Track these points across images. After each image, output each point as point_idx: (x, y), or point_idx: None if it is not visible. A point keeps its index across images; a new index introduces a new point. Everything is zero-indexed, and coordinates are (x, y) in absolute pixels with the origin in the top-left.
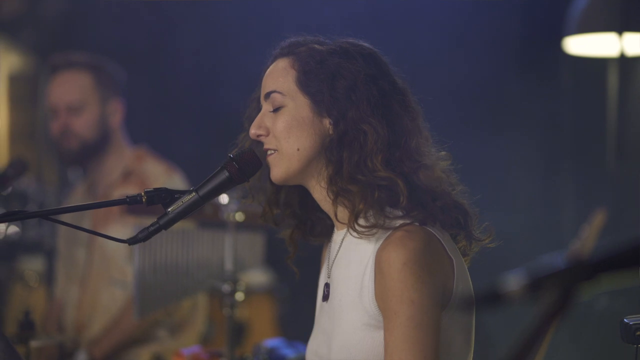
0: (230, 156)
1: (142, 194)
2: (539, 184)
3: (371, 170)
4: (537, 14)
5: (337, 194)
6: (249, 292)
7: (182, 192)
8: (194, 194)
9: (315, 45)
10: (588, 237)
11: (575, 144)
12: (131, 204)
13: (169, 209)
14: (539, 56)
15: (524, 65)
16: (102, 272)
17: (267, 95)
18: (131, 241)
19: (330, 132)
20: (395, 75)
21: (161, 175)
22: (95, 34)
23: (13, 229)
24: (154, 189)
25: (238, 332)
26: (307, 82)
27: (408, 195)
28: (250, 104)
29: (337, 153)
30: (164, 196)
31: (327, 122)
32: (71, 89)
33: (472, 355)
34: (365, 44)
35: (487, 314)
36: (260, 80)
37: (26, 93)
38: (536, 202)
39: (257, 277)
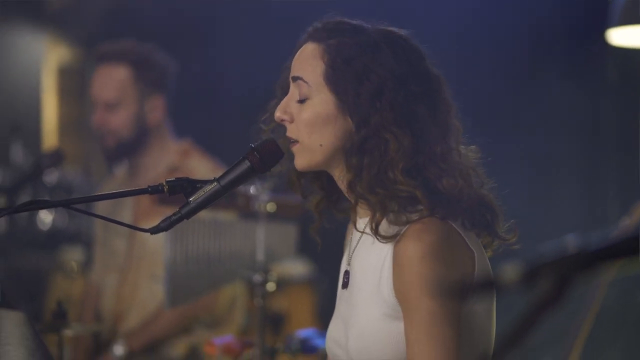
0: (251, 146)
1: (164, 183)
2: (579, 178)
3: (391, 181)
4: (580, 3)
5: (357, 198)
6: (287, 282)
7: (204, 182)
8: (215, 183)
9: (347, 39)
10: (628, 226)
11: (618, 138)
12: (153, 194)
13: (190, 199)
14: (582, 48)
15: (566, 57)
16: (142, 266)
17: (294, 78)
18: (153, 230)
19: (354, 132)
20: (430, 67)
21: (208, 173)
22: (143, 24)
23: (58, 218)
24: (175, 178)
25: (276, 322)
26: (334, 79)
27: (429, 202)
28: (283, 71)
29: (357, 159)
30: (186, 186)
31: (350, 120)
32: (108, 85)
33: (493, 345)
34: (402, 33)
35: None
36: (295, 53)
37: (75, 85)
38: (578, 196)
39: (295, 267)
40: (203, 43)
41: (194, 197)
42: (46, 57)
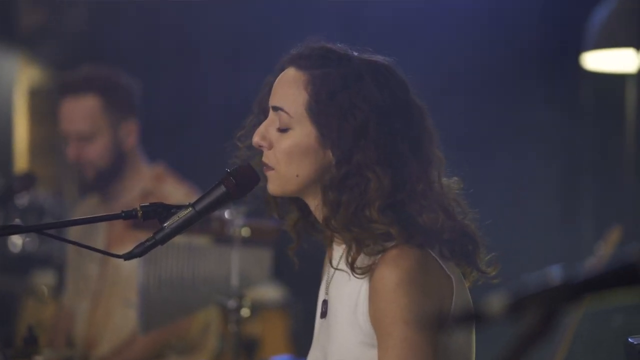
0: (227, 171)
1: (138, 208)
2: (555, 200)
3: (367, 220)
4: (554, 28)
5: (333, 232)
6: (261, 307)
7: (179, 207)
8: (190, 209)
9: (331, 69)
10: (604, 254)
11: (592, 161)
12: (127, 219)
13: (165, 224)
14: (556, 71)
15: (540, 80)
16: (116, 292)
17: (275, 108)
18: (127, 256)
19: (333, 165)
20: (413, 96)
21: (182, 198)
22: (116, 46)
23: (29, 242)
24: (150, 203)
25: (250, 348)
26: (317, 111)
27: (405, 239)
28: (263, 88)
29: (336, 195)
30: (160, 211)
31: (330, 154)
32: (79, 117)
33: None
34: (386, 63)
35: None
36: (275, 72)
37: (47, 107)
38: (552, 220)
39: (269, 292)
40: (176, 65)
41: (168, 222)
42: (18, 78)
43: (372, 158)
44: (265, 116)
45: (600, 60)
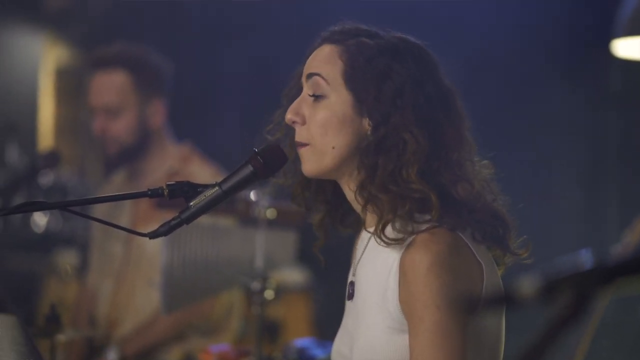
0: (255, 150)
1: (164, 187)
2: (581, 188)
3: (405, 180)
4: (585, 14)
5: (367, 200)
6: (285, 290)
7: (205, 186)
8: (217, 188)
9: (366, 40)
10: (630, 242)
11: (619, 149)
12: (153, 197)
13: (191, 203)
14: (586, 59)
15: (569, 66)
16: (139, 272)
17: (310, 76)
18: (152, 235)
19: (369, 134)
20: (444, 77)
21: (208, 178)
22: (142, 25)
23: (52, 221)
24: (176, 182)
25: (272, 331)
26: (353, 77)
27: (440, 208)
28: (291, 80)
29: (372, 158)
30: (187, 189)
31: (366, 122)
32: (108, 91)
33: None
34: (417, 41)
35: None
36: (304, 58)
37: (72, 87)
38: (578, 208)
39: (293, 275)
40: (204, 45)
41: (194, 201)
42: (44, 58)
43: (409, 119)
44: None
45: (631, 48)
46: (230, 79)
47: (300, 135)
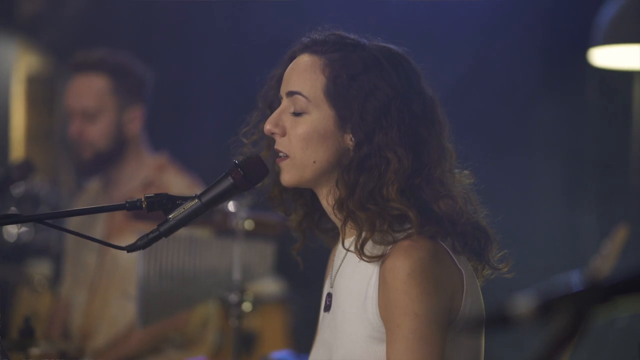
0: (235, 162)
1: (143, 199)
2: (560, 199)
3: (385, 199)
4: (562, 24)
5: (345, 216)
6: (260, 302)
7: (185, 199)
8: (196, 200)
9: (350, 54)
10: (609, 254)
11: (598, 158)
12: (130, 209)
13: (169, 216)
14: (563, 67)
15: (547, 76)
16: (113, 283)
17: (291, 93)
18: (130, 248)
19: (351, 149)
20: (426, 86)
21: (184, 189)
22: (116, 34)
23: (25, 231)
24: (155, 194)
25: (248, 343)
26: (336, 94)
27: (419, 224)
28: (268, 81)
29: (353, 175)
30: (165, 202)
31: (349, 138)
32: (86, 94)
33: None
34: (398, 50)
35: (494, 336)
36: (283, 62)
37: (44, 94)
38: (557, 218)
39: (269, 287)
40: (179, 54)
41: (173, 214)
42: (16, 65)
43: (394, 139)
44: (271, 110)
45: (608, 57)
46: (205, 87)
47: (280, 144)
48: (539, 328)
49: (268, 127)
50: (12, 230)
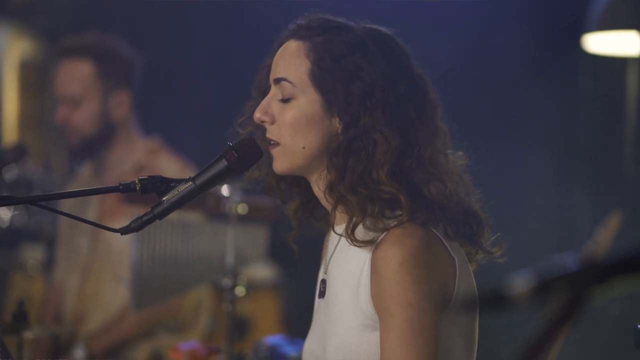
0: (229, 144)
1: (137, 181)
2: (553, 187)
3: (375, 182)
4: (556, 9)
5: (336, 200)
6: (253, 287)
7: (178, 181)
8: (190, 182)
9: (334, 37)
10: (603, 240)
11: (591, 146)
12: (124, 192)
13: (163, 198)
14: (557, 53)
15: (539, 63)
16: (106, 266)
17: (277, 80)
18: (123, 230)
19: (339, 134)
20: (415, 68)
21: (176, 173)
22: (109, 18)
23: (17, 215)
24: (148, 176)
25: (241, 328)
26: (320, 78)
27: (412, 206)
28: (260, 71)
29: (342, 159)
30: (159, 184)
31: (336, 122)
32: (71, 80)
33: None
34: (386, 32)
35: (490, 317)
36: (272, 51)
37: (36, 80)
38: (550, 206)
39: (262, 271)
40: (172, 37)
41: (167, 196)
42: (8, 51)
43: (379, 120)
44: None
45: (603, 43)
46: (198, 72)
47: (271, 132)
48: (534, 309)
49: (257, 115)
50: (5, 215)
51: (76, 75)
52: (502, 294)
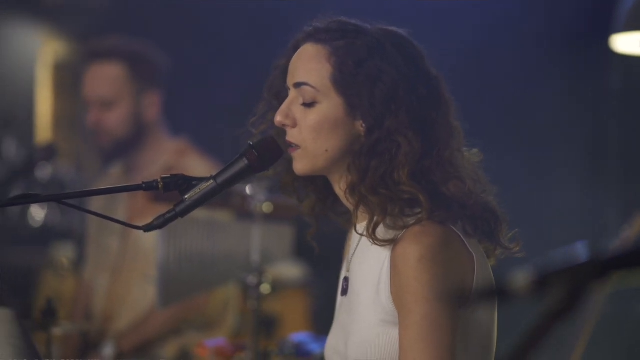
0: (250, 143)
1: (159, 179)
2: (581, 185)
3: (396, 183)
4: (584, 9)
5: (357, 201)
6: (282, 286)
7: (200, 179)
8: (211, 181)
9: (353, 40)
10: (629, 239)
11: (620, 147)
12: (147, 190)
13: (185, 196)
14: (585, 54)
15: (568, 62)
16: (135, 266)
17: (298, 84)
18: (146, 228)
19: (362, 136)
20: (430, 67)
21: (204, 173)
22: (140, 19)
23: (51, 214)
24: (171, 175)
25: (268, 325)
26: (343, 82)
27: (431, 205)
28: (273, 71)
29: (364, 161)
30: (181, 183)
31: (359, 124)
32: (102, 83)
33: (493, 356)
34: (402, 33)
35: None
36: (286, 52)
37: (70, 80)
38: (578, 204)
39: (290, 271)
40: (202, 38)
41: (189, 194)
42: (42, 52)
43: (403, 122)
44: (278, 100)
45: (631, 43)
46: (226, 72)
47: (291, 136)
48: (535, 302)
49: (279, 118)
50: (37, 215)
51: (107, 78)
52: (503, 287)
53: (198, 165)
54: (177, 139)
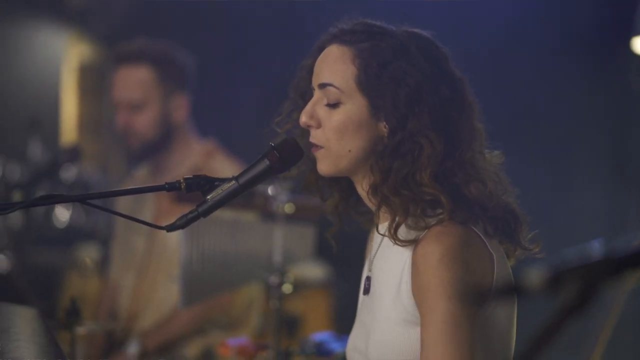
0: (271, 145)
1: (182, 180)
2: (603, 187)
3: (418, 184)
4: (605, 11)
5: (379, 201)
6: (303, 286)
7: (222, 180)
8: (233, 182)
9: (379, 42)
10: None
11: None
12: (170, 190)
13: (208, 197)
14: (606, 56)
15: (590, 64)
16: (161, 266)
17: (323, 85)
18: (169, 228)
19: (385, 137)
20: (454, 69)
21: (232, 175)
22: (166, 21)
23: (76, 214)
24: (193, 175)
25: (291, 325)
26: (368, 84)
27: (450, 209)
28: (299, 72)
29: (387, 162)
30: (203, 183)
31: (382, 126)
32: (132, 86)
33: (512, 352)
34: (427, 35)
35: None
36: (312, 53)
37: (95, 83)
38: (600, 206)
39: (313, 271)
40: (227, 41)
41: (211, 195)
42: (67, 54)
43: (426, 124)
44: (304, 100)
45: None
46: (252, 73)
47: (315, 137)
48: (549, 300)
49: (303, 119)
50: (62, 216)
51: (136, 81)
52: (517, 285)
53: (225, 167)
54: (205, 140)
